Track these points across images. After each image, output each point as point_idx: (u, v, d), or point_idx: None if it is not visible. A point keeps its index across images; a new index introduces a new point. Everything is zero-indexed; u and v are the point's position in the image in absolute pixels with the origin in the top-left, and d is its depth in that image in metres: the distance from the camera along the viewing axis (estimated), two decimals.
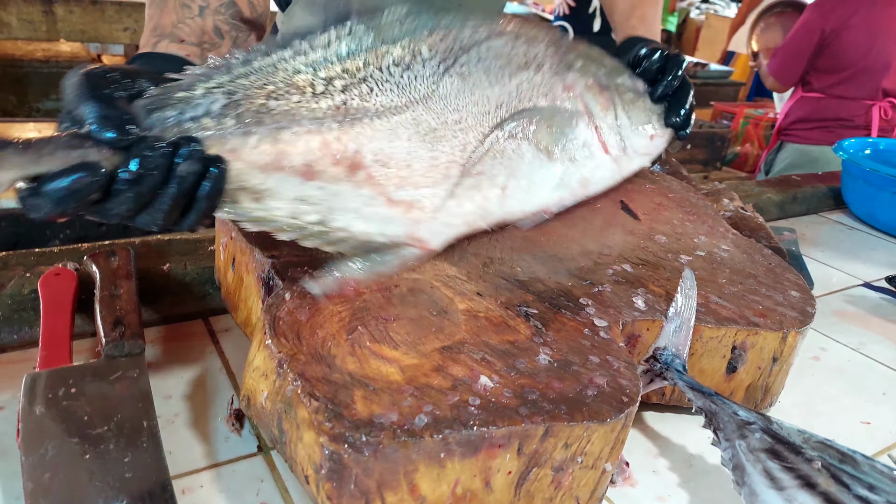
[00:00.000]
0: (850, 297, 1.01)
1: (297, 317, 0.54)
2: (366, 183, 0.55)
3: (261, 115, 0.51)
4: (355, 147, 0.54)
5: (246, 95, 0.51)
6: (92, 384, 0.57)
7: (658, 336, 0.63)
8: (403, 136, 0.57)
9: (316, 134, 0.52)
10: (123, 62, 3.90)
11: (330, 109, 0.54)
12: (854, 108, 2.12)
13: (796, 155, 2.22)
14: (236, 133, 0.49)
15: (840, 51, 2.08)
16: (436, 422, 0.46)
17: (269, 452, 0.57)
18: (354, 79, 0.56)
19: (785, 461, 0.51)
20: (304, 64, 0.54)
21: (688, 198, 0.94)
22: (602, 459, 0.52)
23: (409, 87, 0.59)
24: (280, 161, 0.50)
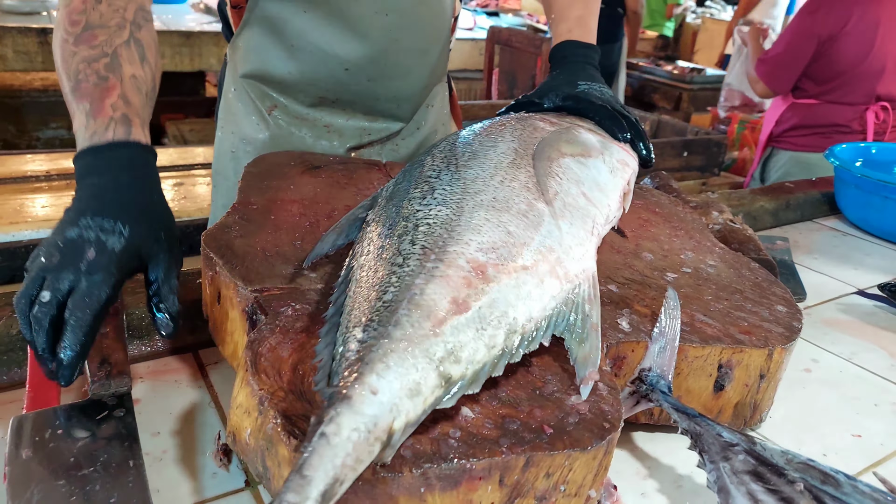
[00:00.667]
0: (844, 306, 1.01)
1: (278, 353, 0.55)
2: (499, 274, 0.56)
3: (389, 312, 0.51)
4: (464, 259, 0.56)
5: (366, 314, 0.52)
6: (78, 425, 0.57)
7: (643, 357, 0.63)
8: (480, 218, 0.60)
9: (433, 277, 0.54)
10: None
11: (421, 257, 0.56)
12: (849, 113, 2.10)
13: (792, 163, 2.20)
14: (394, 335, 0.49)
15: (835, 57, 2.07)
16: (415, 456, 0.46)
17: (257, 487, 0.57)
18: (410, 223, 0.60)
19: (768, 483, 0.51)
20: (377, 251, 0.59)
21: (676, 212, 0.94)
22: (585, 487, 0.52)
23: (447, 190, 0.64)
24: (437, 317, 0.51)
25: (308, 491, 0.39)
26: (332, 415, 0.42)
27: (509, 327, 0.54)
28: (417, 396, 0.47)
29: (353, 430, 0.42)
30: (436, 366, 0.48)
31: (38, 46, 2.56)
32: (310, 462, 0.39)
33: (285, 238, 0.72)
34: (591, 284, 0.61)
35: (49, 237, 0.60)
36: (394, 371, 0.46)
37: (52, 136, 3.20)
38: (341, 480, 0.40)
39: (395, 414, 0.45)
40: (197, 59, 2.94)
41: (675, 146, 2.34)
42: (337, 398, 0.44)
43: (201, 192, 1.78)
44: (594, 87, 0.90)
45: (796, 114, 2.19)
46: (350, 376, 0.45)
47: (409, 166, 0.72)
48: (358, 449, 0.42)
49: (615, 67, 3.78)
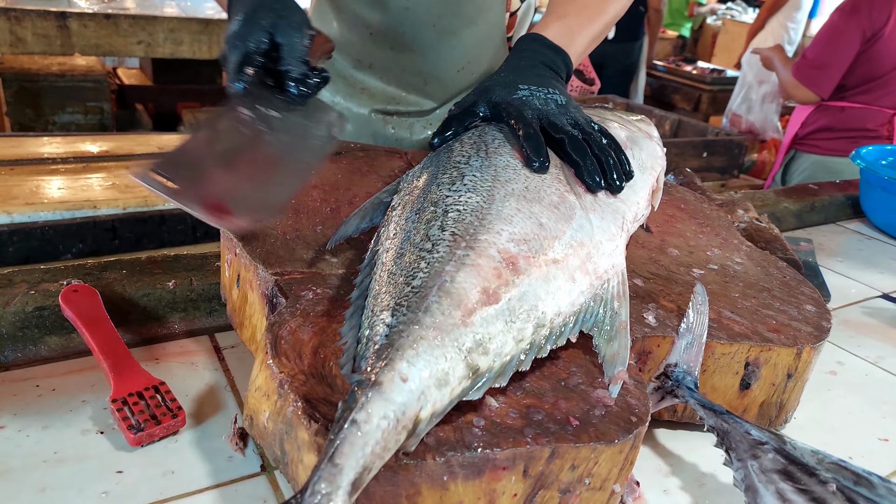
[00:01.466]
0: (869, 309, 0.99)
1: (299, 336, 0.54)
2: (530, 266, 0.55)
3: (418, 298, 0.50)
4: (495, 248, 0.54)
5: (394, 298, 0.51)
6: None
7: (669, 352, 0.62)
8: (511, 208, 0.59)
9: (464, 265, 0.52)
10: (139, 75, 3.90)
11: (451, 244, 0.55)
12: (878, 117, 2.06)
13: (815, 166, 2.15)
14: (424, 321, 0.48)
15: (873, 59, 2.01)
16: (439, 443, 0.45)
17: (273, 472, 0.57)
18: (439, 208, 0.59)
19: (798, 483, 0.49)
20: (400, 243, 0.57)
21: (701, 209, 0.92)
22: (610, 481, 0.50)
23: (478, 177, 0.62)
24: (467, 307, 0.50)
25: (340, 479, 0.38)
26: (363, 401, 0.41)
27: (538, 321, 0.53)
28: (445, 386, 0.46)
29: (383, 418, 0.41)
30: (464, 356, 0.47)
31: (58, 30, 2.57)
32: (341, 450, 0.39)
33: (306, 223, 0.71)
34: (621, 281, 0.59)
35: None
36: (423, 359, 0.45)
37: (68, 121, 3.21)
38: (369, 469, 0.40)
39: (423, 403, 0.44)
40: (216, 46, 2.94)
41: (696, 146, 2.32)
42: (366, 384, 0.43)
43: None
44: (539, 93, 0.72)
45: (824, 116, 2.14)
46: (379, 361, 0.44)
47: (435, 154, 0.71)
48: (386, 437, 0.41)
49: (636, 66, 3.75)
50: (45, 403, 0.61)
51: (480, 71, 1.12)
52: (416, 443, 0.43)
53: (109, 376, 0.60)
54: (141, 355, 0.68)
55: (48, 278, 0.71)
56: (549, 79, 0.75)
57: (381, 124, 1.11)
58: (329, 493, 0.37)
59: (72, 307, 0.65)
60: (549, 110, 0.70)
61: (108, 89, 3.30)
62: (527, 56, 0.78)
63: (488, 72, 1.13)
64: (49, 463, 0.54)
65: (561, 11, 0.84)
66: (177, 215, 1.46)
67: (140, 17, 2.78)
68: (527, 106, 0.70)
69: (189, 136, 0.59)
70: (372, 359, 0.45)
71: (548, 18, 0.84)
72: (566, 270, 0.56)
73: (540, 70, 0.76)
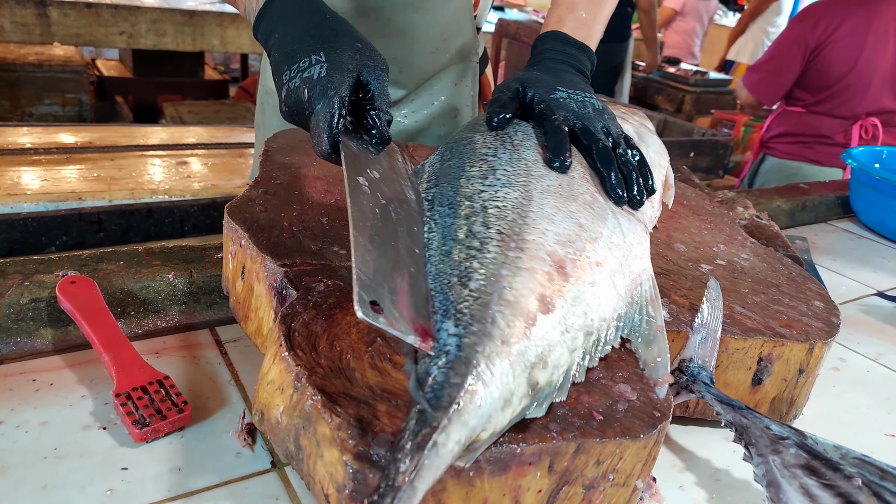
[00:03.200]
0: (865, 307, 1.00)
1: (312, 328, 0.52)
2: (577, 270, 0.53)
3: (480, 305, 0.47)
4: (544, 251, 0.53)
5: (452, 304, 0.48)
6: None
7: (683, 348, 0.61)
8: (551, 206, 0.57)
9: (519, 269, 0.51)
10: (119, 66, 3.83)
11: (500, 244, 0.53)
12: (834, 125, 2.07)
13: (775, 170, 2.18)
14: (493, 334, 0.45)
15: (824, 67, 2.03)
16: None
17: (284, 469, 0.55)
18: (476, 203, 0.56)
19: (823, 478, 0.49)
20: (447, 248, 0.54)
21: (703, 206, 0.92)
22: (633, 476, 0.50)
23: (509, 171, 0.60)
24: (529, 316, 0.48)
25: (413, 502, 0.36)
26: (444, 423, 0.39)
27: (587, 328, 0.51)
28: (508, 407, 0.44)
29: (457, 443, 0.39)
30: (528, 373, 0.45)
31: (37, 18, 2.51)
32: (422, 474, 0.37)
33: (311, 214, 0.70)
34: (652, 285, 0.58)
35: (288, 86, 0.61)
36: (497, 379, 0.43)
37: (45, 113, 3.13)
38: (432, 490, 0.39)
39: (487, 425, 0.42)
40: (199, 39, 2.89)
41: (683, 146, 2.34)
42: (447, 404, 0.40)
43: (201, 171, 1.75)
44: (576, 96, 0.69)
45: (785, 121, 2.16)
46: (456, 377, 0.42)
47: (453, 143, 0.69)
48: (454, 459, 0.40)
49: (622, 67, 3.76)
50: (43, 399, 0.58)
51: (452, 51, 1.09)
52: (468, 460, 0.42)
53: (111, 370, 0.57)
54: (140, 349, 0.66)
55: (43, 269, 0.68)
56: (581, 83, 0.74)
57: None
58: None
59: (70, 299, 0.63)
60: (586, 114, 0.67)
61: (87, 80, 3.23)
62: (557, 59, 0.76)
63: (460, 52, 1.10)
64: (49, 460, 0.52)
65: (569, 2, 0.82)
66: (164, 208, 1.43)
67: (122, 6, 2.72)
68: (562, 108, 0.67)
69: (356, 238, 0.49)
70: (447, 373, 0.42)
71: (559, 11, 0.82)
72: (608, 274, 0.54)
73: (572, 75, 0.75)
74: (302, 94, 0.59)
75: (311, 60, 0.60)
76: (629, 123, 0.79)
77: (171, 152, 1.85)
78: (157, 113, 3.49)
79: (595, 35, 0.82)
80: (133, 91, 3.63)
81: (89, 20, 2.63)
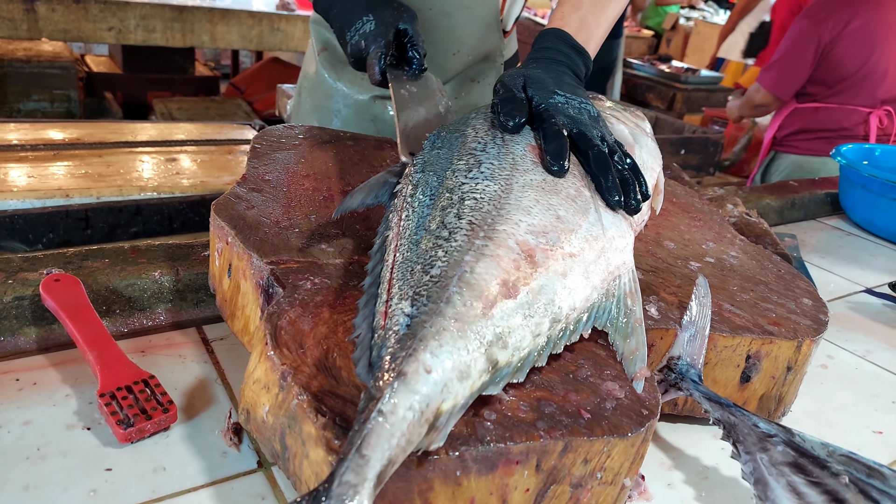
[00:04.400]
0: (853, 304, 1.00)
1: (299, 326, 0.52)
2: (548, 260, 0.53)
3: (439, 288, 0.48)
4: (514, 240, 0.53)
5: (412, 287, 0.49)
6: None
7: (672, 345, 0.61)
8: (530, 199, 0.57)
9: (483, 255, 0.51)
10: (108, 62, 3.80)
11: (469, 233, 0.53)
12: (853, 117, 2.09)
13: (794, 166, 2.19)
14: (446, 312, 0.46)
15: (838, 61, 2.06)
16: (451, 438, 0.44)
17: (270, 468, 0.54)
18: (455, 195, 0.57)
19: (810, 475, 0.49)
20: (416, 227, 0.55)
21: (693, 203, 0.92)
22: (621, 475, 0.50)
23: (495, 165, 0.61)
24: (488, 299, 0.48)
25: (366, 471, 0.36)
26: (389, 392, 0.40)
27: (554, 316, 0.52)
28: (466, 380, 0.44)
29: (409, 409, 0.40)
30: (485, 349, 0.46)
31: (24, 14, 2.48)
32: (368, 441, 0.37)
33: (299, 212, 0.69)
34: (632, 278, 0.59)
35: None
36: (447, 350, 0.44)
37: (33, 108, 3.10)
38: (394, 462, 0.38)
39: (445, 395, 0.43)
40: (189, 34, 2.87)
41: (674, 144, 2.34)
42: (391, 374, 0.41)
43: (190, 168, 1.73)
44: (573, 101, 0.70)
45: (800, 118, 2.18)
46: (402, 351, 0.43)
47: (446, 133, 0.68)
48: (411, 429, 0.40)
49: (614, 65, 3.76)
50: (26, 398, 0.58)
51: (475, 53, 1.12)
52: (438, 438, 0.42)
53: (96, 369, 0.57)
54: (126, 347, 0.65)
55: (27, 267, 0.68)
56: (577, 87, 0.74)
57: (381, 108, 1.13)
58: (356, 486, 0.36)
59: (54, 297, 0.62)
60: (583, 120, 0.67)
61: (75, 76, 3.20)
62: (556, 59, 0.77)
63: (484, 54, 1.14)
64: (32, 460, 0.52)
65: (575, 1, 0.83)
66: (153, 205, 1.42)
67: (111, 2, 2.70)
68: (561, 112, 0.67)
69: (399, 114, 0.76)
70: (394, 349, 0.44)
71: (564, 9, 0.83)
72: (582, 265, 0.55)
73: (570, 78, 0.75)
74: (360, 45, 0.83)
75: (363, 21, 0.84)
76: (624, 124, 0.78)
77: (161, 149, 1.83)
78: (147, 109, 3.47)
79: (595, 39, 0.83)
80: (122, 87, 3.60)
81: (77, 15, 2.61)
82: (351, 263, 0.62)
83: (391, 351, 0.43)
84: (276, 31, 3.17)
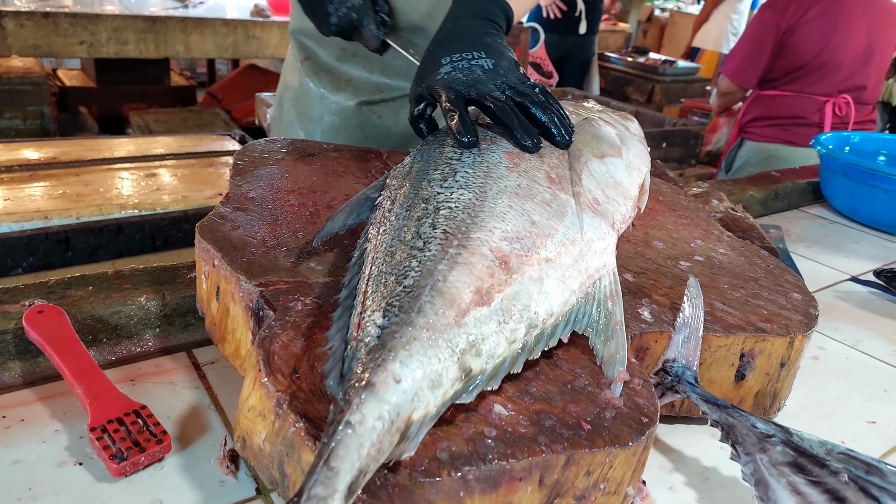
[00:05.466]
0: (840, 293, 1.01)
1: (292, 350, 0.51)
2: (523, 265, 0.53)
3: (411, 298, 0.48)
4: (487, 247, 0.53)
5: (385, 298, 0.49)
6: None
7: (667, 348, 0.61)
8: (504, 205, 0.57)
9: (456, 264, 0.51)
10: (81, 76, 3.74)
11: (443, 242, 0.53)
12: (809, 104, 2.11)
13: (753, 153, 2.22)
14: (417, 322, 0.46)
15: (796, 48, 2.08)
16: (452, 458, 0.43)
17: (269, 495, 0.54)
18: (431, 205, 0.57)
19: (810, 475, 0.49)
20: (392, 238, 0.55)
21: (678, 201, 0.93)
22: (624, 484, 0.49)
23: (470, 173, 0.60)
24: (461, 307, 0.48)
25: (336, 483, 0.36)
26: (357, 402, 0.40)
27: (530, 322, 0.51)
28: (438, 388, 0.44)
29: (378, 419, 0.40)
30: (457, 357, 0.46)
31: None
32: (336, 453, 0.37)
33: (286, 229, 0.68)
34: (613, 280, 0.58)
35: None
36: (416, 359, 0.44)
37: (6, 127, 3.05)
38: (365, 472, 0.38)
39: (416, 404, 0.43)
40: (163, 45, 2.83)
41: (655, 137, 2.35)
42: (359, 385, 0.41)
43: (170, 183, 1.71)
44: (461, 63, 0.69)
45: (760, 105, 2.21)
46: (371, 363, 0.43)
47: (425, 147, 0.68)
48: (381, 439, 0.40)
49: (591, 60, 3.79)
50: (14, 435, 0.56)
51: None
52: (410, 447, 0.42)
53: (85, 402, 0.56)
54: (115, 377, 0.64)
55: (7, 298, 0.66)
56: (477, 38, 0.73)
57: (368, 114, 1.13)
58: (325, 498, 0.36)
59: (38, 330, 0.61)
60: (475, 79, 0.67)
61: (48, 92, 3.15)
62: (458, 13, 0.78)
63: None
64: (24, 501, 0.50)
65: None
66: (134, 223, 1.40)
67: (81, 15, 2.65)
68: (449, 86, 0.67)
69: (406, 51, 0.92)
70: (364, 360, 0.43)
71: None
72: (558, 269, 0.55)
73: (470, 28, 0.74)
74: (351, 17, 0.90)
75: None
76: (612, 126, 0.78)
77: (139, 164, 1.81)
78: (123, 122, 3.42)
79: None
80: (97, 101, 3.55)
81: (47, 30, 2.56)
82: (340, 281, 0.61)
83: (361, 362, 0.43)
84: (251, 39, 3.14)
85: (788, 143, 2.14)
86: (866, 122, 2.17)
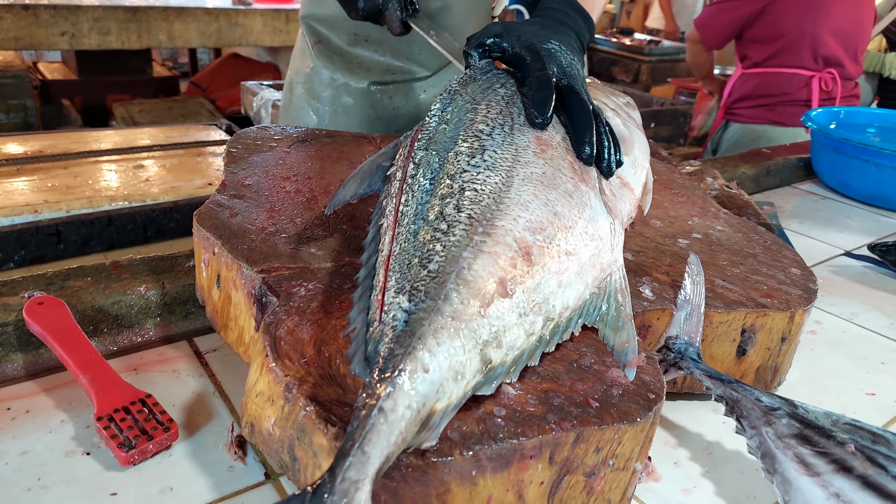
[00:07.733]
0: (834, 268, 1.02)
1: (298, 335, 0.51)
2: (544, 257, 0.52)
3: (436, 284, 0.48)
4: (511, 237, 0.52)
5: (409, 282, 0.48)
6: None
7: (669, 325, 0.62)
8: (529, 193, 0.56)
9: (481, 252, 0.50)
10: (62, 68, 3.69)
11: (467, 228, 0.52)
12: (794, 80, 2.09)
13: (740, 134, 2.20)
14: (444, 310, 0.46)
15: (776, 18, 2.04)
16: (464, 438, 0.43)
17: (279, 479, 0.54)
18: (456, 183, 0.56)
19: (816, 446, 0.50)
20: (416, 222, 0.54)
21: (674, 179, 0.93)
22: (632, 459, 0.50)
23: (498, 154, 0.59)
24: (485, 297, 0.48)
25: (367, 468, 0.37)
26: (389, 390, 0.40)
27: (547, 314, 0.51)
28: (461, 380, 0.44)
29: (407, 408, 0.40)
30: (480, 349, 0.46)
31: None
32: (370, 438, 0.38)
33: (284, 215, 0.68)
34: (622, 275, 0.58)
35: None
36: (444, 349, 0.44)
37: None
38: (390, 459, 0.39)
39: (440, 395, 0.43)
40: (145, 35, 2.79)
41: (645, 117, 2.35)
42: (390, 373, 0.41)
43: (159, 173, 1.70)
44: (567, 54, 0.68)
45: (745, 85, 2.18)
46: (401, 349, 0.43)
47: (457, 99, 0.65)
48: (408, 428, 0.40)
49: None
50: (21, 427, 0.56)
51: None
52: (430, 437, 0.42)
53: (90, 392, 0.55)
54: (118, 366, 0.64)
55: (7, 291, 0.65)
56: (576, 50, 0.72)
57: (379, 95, 1.14)
58: (358, 482, 0.36)
59: (39, 321, 0.60)
60: (573, 73, 0.65)
61: (30, 85, 3.10)
62: (560, 18, 0.75)
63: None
64: (34, 491, 0.50)
65: None
66: (125, 215, 1.39)
67: (62, 6, 2.61)
68: (553, 60, 0.65)
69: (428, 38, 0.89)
70: (392, 346, 0.43)
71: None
72: (577, 263, 0.54)
73: (570, 38, 0.73)
74: (377, 2, 0.89)
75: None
76: (619, 117, 0.76)
77: (126, 156, 1.79)
78: (107, 114, 3.38)
79: (597, 10, 0.83)
80: (80, 93, 3.50)
81: (27, 22, 2.52)
82: (342, 266, 0.61)
83: (389, 347, 0.43)
84: (234, 26, 3.10)
85: (775, 123, 2.13)
86: (850, 98, 2.17)
